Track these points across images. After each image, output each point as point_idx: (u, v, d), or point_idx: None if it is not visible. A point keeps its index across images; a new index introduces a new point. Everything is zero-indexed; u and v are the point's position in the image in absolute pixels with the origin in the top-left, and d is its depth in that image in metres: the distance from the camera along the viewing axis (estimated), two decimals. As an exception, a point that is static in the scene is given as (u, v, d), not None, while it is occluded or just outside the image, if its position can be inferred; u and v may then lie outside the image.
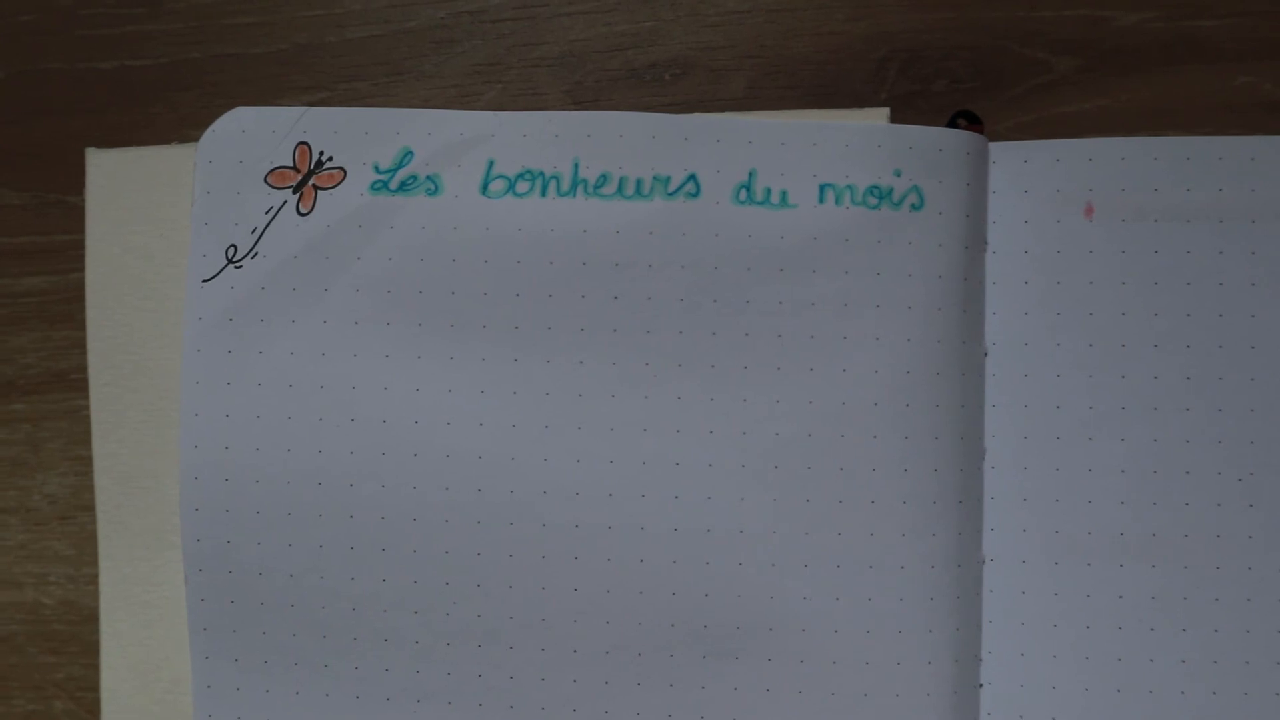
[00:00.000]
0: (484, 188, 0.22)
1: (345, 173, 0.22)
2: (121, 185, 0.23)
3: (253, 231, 0.22)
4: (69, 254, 0.25)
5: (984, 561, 0.22)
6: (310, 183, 0.22)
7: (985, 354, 0.22)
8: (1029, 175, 0.22)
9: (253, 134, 0.22)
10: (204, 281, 0.22)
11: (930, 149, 0.22)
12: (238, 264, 0.22)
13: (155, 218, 0.23)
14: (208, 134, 0.22)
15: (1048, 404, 0.22)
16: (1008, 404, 0.22)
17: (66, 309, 0.25)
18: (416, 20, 0.25)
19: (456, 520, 0.22)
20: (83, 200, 0.24)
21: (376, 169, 0.22)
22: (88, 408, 0.24)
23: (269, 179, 0.22)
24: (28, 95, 0.25)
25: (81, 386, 0.24)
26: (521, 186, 0.22)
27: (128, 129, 0.25)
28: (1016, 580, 0.22)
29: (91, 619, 0.24)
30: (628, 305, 0.22)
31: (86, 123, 0.25)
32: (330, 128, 0.22)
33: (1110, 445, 0.22)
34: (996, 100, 0.24)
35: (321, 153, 0.22)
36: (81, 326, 0.24)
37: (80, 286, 0.24)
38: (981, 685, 0.22)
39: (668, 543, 0.21)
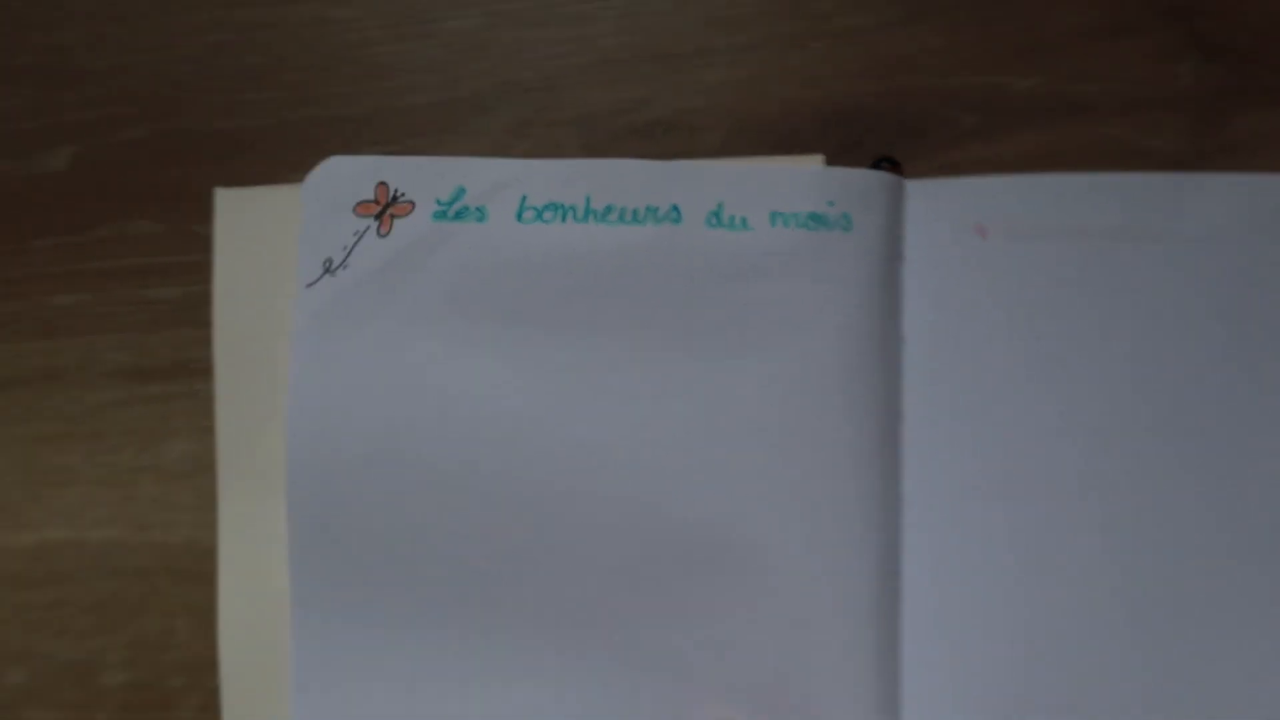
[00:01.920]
0: (519, 216, 0.29)
1: (414, 205, 0.29)
2: (243, 216, 0.30)
3: (344, 249, 0.29)
4: (196, 271, 0.32)
5: (902, 499, 0.28)
6: (388, 212, 0.29)
7: (902, 342, 0.28)
8: (937, 205, 0.29)
9: (344, 176, 0.29)
10: (308, 286, 0.29)
11: (858, 185, 0.28)
12: (333, 273, 0.29)
13: (268, 241, 0.30)
14: (311, 175, 0.29)
15: (951, 376, 0.28)
16: (920, 379, 0.28)
17: (193, 314, 0.32)
18: (464, 91, 0.32)
19: (500, 469, 0.28)
20: (208, 229, 0.31)
21: (438, 202, 0.29)
22: (209, 390, 0.31)
23: (356, 209, 0.29)
24: (165, 150, 0.33)
25: (203, 373, 0.31)
26: (547, 215, 0.28)
27: (243, 176, 0.32)
28: (933, 517, 0.28)
29: (210, 553, 0.31)
30: (628, 306, 0.28)
31: (212, 170, 0.32)
32: (403, 171, 0.29)
33: (1001, 402, 0.28)
34: (918, 149, 0.31)
35: (396, 190, 0.29)
36: (204, 326, 0.31)
37: (204, 297, 0.31)
38: (902, 596, 0.28)
39: (661, 483, 0.28)
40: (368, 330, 0.29)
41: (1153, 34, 0.30)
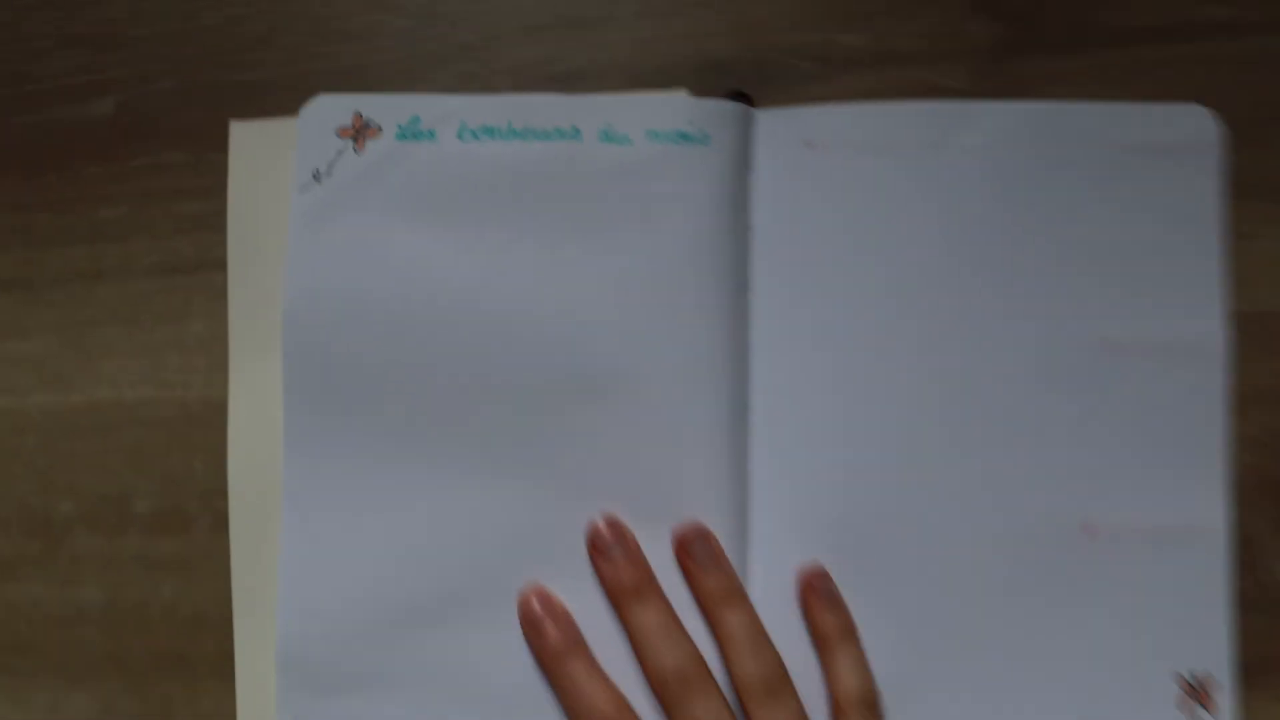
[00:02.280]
0: (460, 137, 0.37)
1: (381, 129, 0.38)
2: (251, 142, 0.39)
3: (328, 163, 0.37)
4: (214, 189, 0.40)
5: (750, 345, 0.37)
6: (362, 135, 0.38)
7: (751, 229, 0.37)
8: (778, 127, 0.38)
9: (329, 108, 0.38)
10: (300, 192, 0.37)
11: (716, 111, 0.37)
12: (319, 182, 0.37)
13: (270, 162, 0.38)
14: (304, 108, 0.38)
15: (789, 255, 0.37)
16: (765, 256, 0.37)
17: (211, 222, 0.40)
18: (423, 51, 0.41)
19: (446, 325, 0.36)
20: (224, 157, 0.40)
21: (399, 127, 0.37)
22: (223, 281, 0.39)
23: (338, 133, 0.38)
24: (191, 98, 0.41)
25: (218, 268, 0.40)
26: (481, 136, 0.37)
27: (251, 116, 0.41)
28: (774, 360, 0.37)
29: (222, 407, 0.39)
30: (541, 203, 0.37)
31: (227, 113, 0.41)
32: (373, 104, 0.38)
33: (828, 272, 0.37)
34: (769, 89, 0.40)
35: (368, 118, 0.38)
36: (221, 231, 0.40)
37: (221, 209, 0.40)
38: (751, 421, 0.36)
39: (564, 332, 0.36)
40: (346, 224, 0.37)
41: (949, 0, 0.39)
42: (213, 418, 0.39)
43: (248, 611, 0.38)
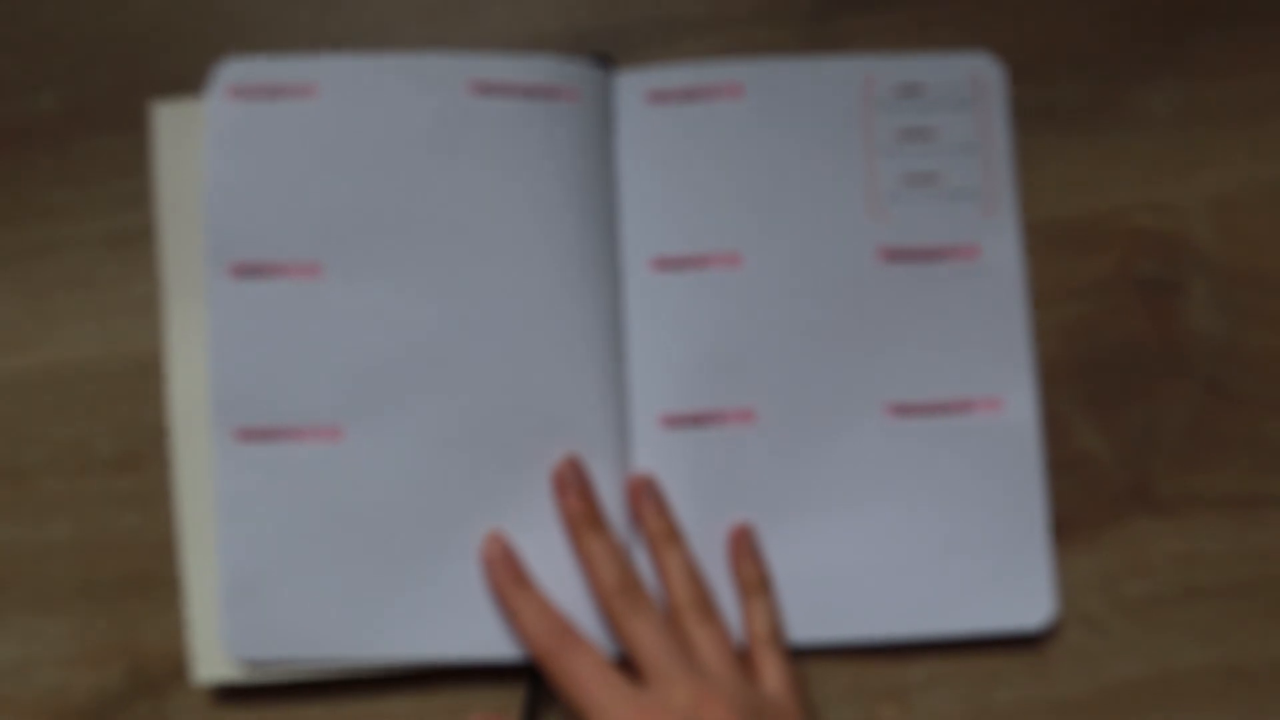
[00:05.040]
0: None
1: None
2: (174, 121, 0.44)
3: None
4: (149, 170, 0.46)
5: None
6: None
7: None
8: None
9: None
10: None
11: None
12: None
13: (192, 135, 0.43)
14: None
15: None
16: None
17: (140, 164, 0.46)
18: (329, 36, 0.47)
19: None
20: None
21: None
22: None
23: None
24: (121, 88, 0.47)
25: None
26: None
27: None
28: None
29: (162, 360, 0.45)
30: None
31: (155, 99, 0.46)
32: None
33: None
34: (633, 52, 0.46)
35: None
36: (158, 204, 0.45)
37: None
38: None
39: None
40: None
41: (778, -27, 0.46)
42: (159, 368, 0.45)
43: (195, 534, 0.43)
